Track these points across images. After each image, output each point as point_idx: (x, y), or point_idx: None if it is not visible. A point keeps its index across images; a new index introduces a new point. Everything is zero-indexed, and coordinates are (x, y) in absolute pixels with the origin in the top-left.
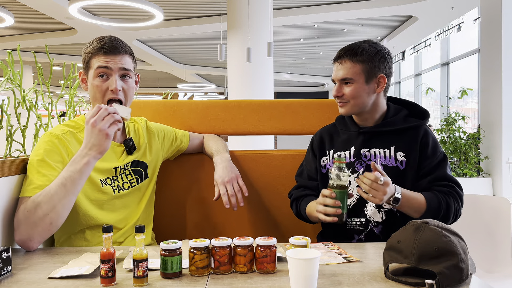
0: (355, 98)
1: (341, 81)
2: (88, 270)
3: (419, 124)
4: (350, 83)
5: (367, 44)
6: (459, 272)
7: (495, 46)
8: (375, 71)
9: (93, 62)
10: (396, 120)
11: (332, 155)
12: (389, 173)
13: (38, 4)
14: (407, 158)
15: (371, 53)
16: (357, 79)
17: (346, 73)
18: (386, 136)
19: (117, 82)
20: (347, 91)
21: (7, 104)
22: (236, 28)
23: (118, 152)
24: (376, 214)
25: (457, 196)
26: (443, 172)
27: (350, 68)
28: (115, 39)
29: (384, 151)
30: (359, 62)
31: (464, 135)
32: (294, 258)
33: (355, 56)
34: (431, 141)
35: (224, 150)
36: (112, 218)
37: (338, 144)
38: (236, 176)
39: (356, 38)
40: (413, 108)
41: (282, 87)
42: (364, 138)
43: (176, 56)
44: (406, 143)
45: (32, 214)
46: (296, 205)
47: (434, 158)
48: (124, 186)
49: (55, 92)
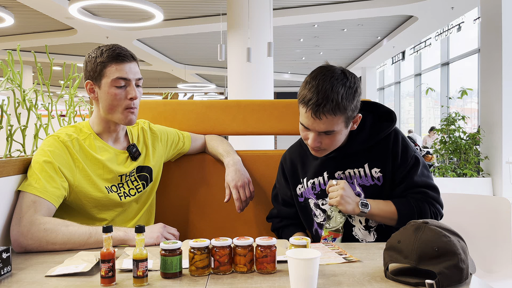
0: (334, 145)
1: (320, 133)
2: (85, 268)
3: (387, 132)
4: (331, 134)
5: (341, 86)
6: (459, 272)
7: (495, 46)
8: (353, 114)
9: (108, 71)
10: (363, 135)
11: (306, 182)
12: (369, 192)
13: (38, 4)
14: (383, 173)
15: (350, 98)
16: (338, 129)
17: (327, 127)
18: (358, 154)
19: (135, 90)
20: (326, 141)
21: (7, 104)
22: (236, 28)
23: (122, 159)
24: (368, 235)
25: (431, 199)
26: (414, 179)
27: (331, 121)
28: (121, 47)
29: (358, 171)
30: (341, 113)
31: (464, 135)
32: (294, 258)
33: (337, 107)
34: (400, 147)
35: (233, 151)
36: (115, 220)
37: (311, 170)
38: (248, 180)
39: (356, 38)
40: (377, 110)
41: (282, 87)
42: (335, 161)
43: (176, 56)
44: (379, 157)
45: (44, 235)
46: (278, 235)
47: (405, 166)
48: (130, 193)
49: (55, 92)
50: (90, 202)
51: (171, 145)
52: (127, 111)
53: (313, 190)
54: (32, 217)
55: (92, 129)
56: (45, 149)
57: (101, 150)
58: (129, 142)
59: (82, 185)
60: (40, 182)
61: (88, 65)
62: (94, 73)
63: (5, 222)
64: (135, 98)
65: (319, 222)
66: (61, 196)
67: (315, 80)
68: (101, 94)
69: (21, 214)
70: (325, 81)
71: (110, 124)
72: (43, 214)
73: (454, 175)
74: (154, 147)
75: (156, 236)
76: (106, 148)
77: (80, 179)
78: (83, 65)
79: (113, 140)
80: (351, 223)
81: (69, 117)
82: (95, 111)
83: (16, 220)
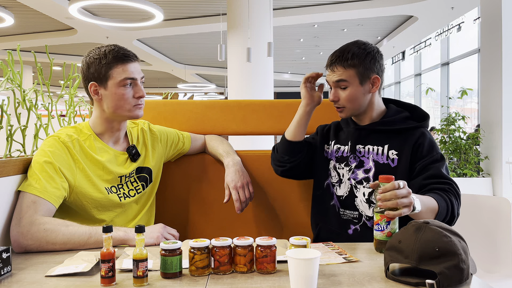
0: (351, 101)
1: (336, 85)
2: (85, 268)
3: (416, 126)
4: (345, 87)
5: (356, 47)
6: (459, 272)
7: (495, 46)
8: (368, 73)
9: (115, 72)
10: (394, 120)
11: (333, 146)
12: (379, 170)
13: (38, 4)
14: (399, 157)
15: (361, 55)
16: (351, 81)
17: (339, 76)
18: (383, 134)
19: (142, 88)
20: (342, 95)
21: (7, 104)
22: (236, 28)
23: (122, 160)
24: (367, 209)
25: (456, 194)
26: (439, 171)
27: (343, 72)
28: (122, 47)
29: (377, 148)
30: (351, 67)
31: (464, 135)
32: (294, 258)
33: (346, 61)
34: (427, 142)
35: (233, 151)
36: (115, 221)
37: (339, 138)
38: (248, 181)
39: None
40: (414, 111)
41: (282, 87)
42: (360, 134)
43: (176, 56)
44: (400, 143)
45: (44, 235)
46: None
47: (429, 157)
48: (130, 194)
49: (55, 92)
50: (90, 202)
51: (171, 145)
52: (135, 107)
53: (336, 154)
54: (32, 217)
55: (92, 130)
56: (45, 150)
57: (101, 151)
58: (128, 143)
59: (82, 185)
60: (40, 182)
61: (91, 67)
62: (99, 75)
63: (5, 222)
64: (143, 95)
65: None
66: (61, 197)
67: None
68: (107, 94)
69: (21, 214)
70: (344, 45)
71: (113, 124)
72: (43, 215)
73: (454, 175)
74: (153, 148)
75: (156, 236)
76: (106, 149)
77: (80, 180)
78: (81, 66)
79: (113, 141)
80: (355, 194)
81: (69, 117)
82: (97, 112)
83: (16, 220)
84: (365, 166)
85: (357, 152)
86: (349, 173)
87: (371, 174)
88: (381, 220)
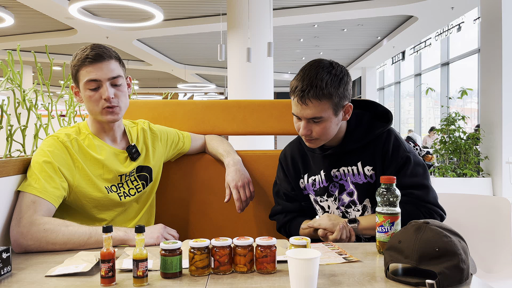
0: (325, 134)
1: (309, 119)
2: (85, 268)
3: (381, 131)
4: (320, 121)
5: (326, 73)
6: (459, 273)
7: (495, 46)
8: (342, 102)
9: (81, 75)
10: (358, 133)
11: (307, 179)
12: (362, 190)
13: (38, 4)
14: (375, 171)
15: (335, 84)
16: (326, 115)
17: (314, 112)
18: (352, 152)
19: (108, 90)
20: (316, 129)
21: (7, 104)
22: (236, 28)
23: (122, 159)
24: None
25: (416, 200)
26: (402, 181)
27: (317, 106)
28: (98, 46)
29: (351, 169)
30: (326, 98)
31: (464, 135)
32: (294, 258)
33: (321, 91)
34: (392, 146)
35: (233, 151)
36: (115, 220)
37: (310, 167)
38: (248, 180)
39: (356, 38)
40: (374, 109)
41: (282, 87)
42: (330, 160)
43: (176, 56)
44: (371, 155)
45: (44, 235)
46: (286, 231)
47: (395, 165)
48: (130, 192)
49: (55, 92)
50: (90, 202)
51: (171, 145)
52: (105, 111)
53: (313, 187)
54: (32, 217)
55: (89, 129)
56: (44, 149)
57: (101, 149)
58: (128, 141)
59: (81, 185)
60: (39, 182)
61: (70, 69)
62: (73, 77)
63: (5, 222)
64: (107, 98)
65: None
66: (60, 196)
67: (302, 71)
68: (82, 97)
69: (21, 215)
70: (311, 70)
71: (103, 125)
72: (43, 214)
73: (454, 175)
74: (154, 147)
75: (156, 236)
76: (105, 147)
77: (80, 180)
78: None
79: (111, 139)
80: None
81: (69, 117)
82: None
83: (16, 220)
84: (347, 189)
85: (333, 178)
86: (336, 202)
87: (355, 197)
88: (384, 221)
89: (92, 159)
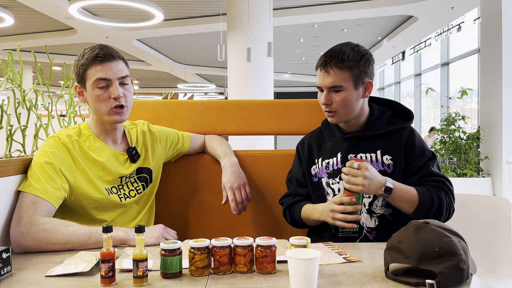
0: (345, 106)
1: (330, 89)
2: (85, 268)
3: (403, 126)
4: (340, 90)
5: (349, 49)
6: (459, 273)
7: (495, 46)
8: (362, 76)
9: (90, 73)
10: (380, 123)
11: (321, 162)
12: None
13: (38, 4)
14: (394, 161)
15: (357, 58)
16: (346, 86)
17: (335, 80)
18: (372, 140)
19: (118, 89)
20: (336, 99)
21: (7, 104)
22: (236, 28)
23: (122, 160)
24: (369, 220)
25: (447, 190)
26: (432, 169)
27: (338, 75)
28: (106, 46)
29: (370, 155)
30: (347, 69)
31: (464, 135)
32: (294, 258)
33: (342, 62)
34: (417, 141)
35: (231, 152)
36: (115, 221)
37: (326, 151)
38: (244, 182)
39: (356, 38)
40: (396, 108)
41: (282, 87)
42: (350, 143)
43: (176, 56)
44: (391, 146)
45: (44, 235)
46: (290, 212)
47: (423, 157)
48: (130, 194)
49: (55, 92)
50: (90, 203)
51: (170, 145)
52: (113, 111)
53: (326, 170)
54: (32, 217)
55: (91, 131)
56: (46, 150)
57: (101, 151)
58: (127, 142)
59: (82, 186)
60: (40, 182)
61: (74, 69)
62: (79, 77)
63: (5, 222)
64: (118, 97)
65: None
66: (61, 197)
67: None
68: (87, 96)
69: (21, 215)
70: (336, 46)
71: (105, 126)
72: (43, 215)
73: (454, 175)
74: (153, 148)
75: (156, 236)
76: (105, 149)
77: (81, 181)
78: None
79: (112, 141)
80: None
81: (69, 117)
82: (91, 113)
83: (16, 220)
84: None
85: None
86: None
87: None
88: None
89: (93, 160)
